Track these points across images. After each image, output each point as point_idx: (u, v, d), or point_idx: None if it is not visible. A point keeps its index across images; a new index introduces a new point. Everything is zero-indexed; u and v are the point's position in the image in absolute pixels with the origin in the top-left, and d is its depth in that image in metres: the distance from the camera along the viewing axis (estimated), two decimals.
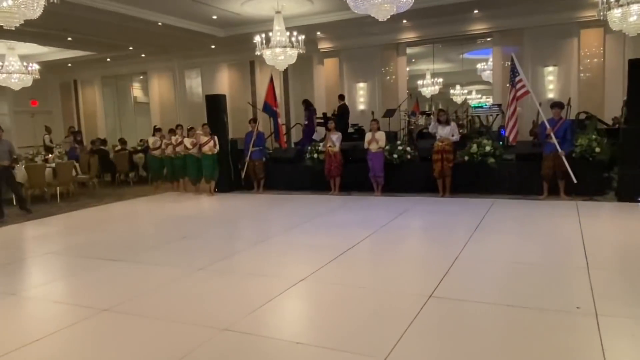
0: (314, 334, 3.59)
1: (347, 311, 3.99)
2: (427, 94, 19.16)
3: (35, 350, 3.49)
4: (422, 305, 3.96)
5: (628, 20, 8.75)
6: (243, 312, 3.97)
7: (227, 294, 4.51)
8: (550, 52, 13.07)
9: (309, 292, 4.47)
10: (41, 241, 7.16)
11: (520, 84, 8.81)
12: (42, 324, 3.95)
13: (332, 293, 4.42)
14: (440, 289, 4.31)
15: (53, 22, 11.40)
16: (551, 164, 8.24)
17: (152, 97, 18.84)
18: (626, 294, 4.10)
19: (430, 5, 11.62)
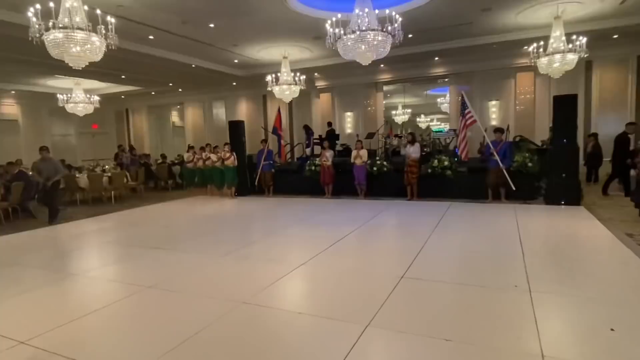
0: (313, 306, 3.59)
1: (338, 288, 3.99)
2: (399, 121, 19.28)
3: (97, 317, 3.49)
4: (396, 284, 3.97)
5: (552, 65, 8.88)
6: (257, 289, 3.96)
7: (245, 275, 4.50)
8: (494, 89, 13.19)
9: (308, 274, 4.46)
10: (99, 233, 7.12)
11: (469, 115, 8.86)
12: (100, 298, 3.93)
13: (326, 274, 4.42)
14: (410, 271, 4.32)
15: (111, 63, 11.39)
16: (494, 175, 8.27)
17: (187, 122, 18.83)
18: (553, 275, 4.12)
19: (402, 54, 11.72)
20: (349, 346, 2.83)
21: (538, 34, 10.07)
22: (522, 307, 3.36)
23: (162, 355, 2.81)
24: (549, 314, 3.23)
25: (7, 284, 4.47)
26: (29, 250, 6.01)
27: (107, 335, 3.18)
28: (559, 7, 8.59)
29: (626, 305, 3.34)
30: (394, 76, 14.50)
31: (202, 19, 8.81)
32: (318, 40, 10.56)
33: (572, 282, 3.91)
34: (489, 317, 3.20)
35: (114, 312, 3.59)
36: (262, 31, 9.86)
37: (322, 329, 3.11)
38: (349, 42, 7.26)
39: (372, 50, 7.28)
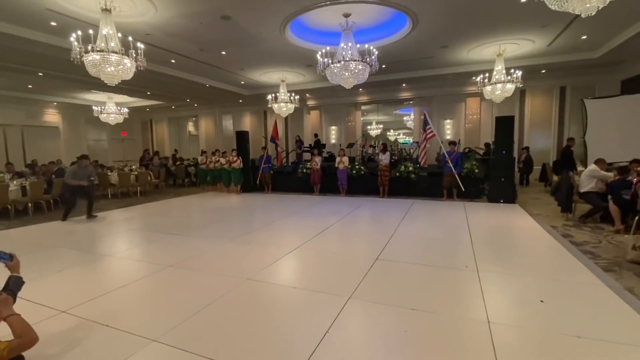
0: (304, 282, 3.56)
1: (325, 267, 3.98)
2: (373, 134, 19.41)
3: (126, 290, 3.40)
4: (371, 264, 3.98)
5: (495, 93, 9.04)
6: (259, 268, 3.93)
7: (249, 256, 4.45)
8: (448, 110, 13.33)
9: (301, 256, 4.43)
10: (126, 221, 6.95)
11: (430, 130, 8.94)
12: (129, 275, 3.83)
13: (315, 256, 4.41)
14: (383, 254, 4.34)
15: (139, 82, 11.18)
16: (449, 179, 8.36)
17: (201, 131, 18.53)
18: (495, 258, 4.17)
19: (377, 80, 11.78)
20: (335, 313, 2.82)
21: (484, 67, 10.26)
22: (472, 283, 3.41)
23: (181, 322, 2.75)
24: (493, 289, 3.28)
25: (50, 262, 4.33)
26: (68, 235, 5.82)
27: (135, 305, 3.10)
28: (501, 46, 8.76)
29: (552, 281, 3.42)
30: (370, 98, 14.54)
31: (215, 47, 8.70)
32: (310, 67, 10.55)
33: (510, 263, 3.98)
34: (446, 291, 3.24)
35: (140, 286, 3.51)
36: (265, 59, 9.79)
37: (313, 300, 3.09)
38: (335, 69, 7.25)
39: (354, 76, 7.29)
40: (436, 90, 13.06)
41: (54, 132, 15.78)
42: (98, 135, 17.75)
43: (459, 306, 2.94)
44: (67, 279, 3.78)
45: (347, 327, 2.67)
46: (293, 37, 8.17)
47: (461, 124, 13.26)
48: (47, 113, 15.49)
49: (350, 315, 2.83)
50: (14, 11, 6.25)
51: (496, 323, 2.66)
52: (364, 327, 2.68)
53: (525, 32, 7.99)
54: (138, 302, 3.16)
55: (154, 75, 10.55)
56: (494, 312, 2.82)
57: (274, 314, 2.87)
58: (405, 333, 2.56)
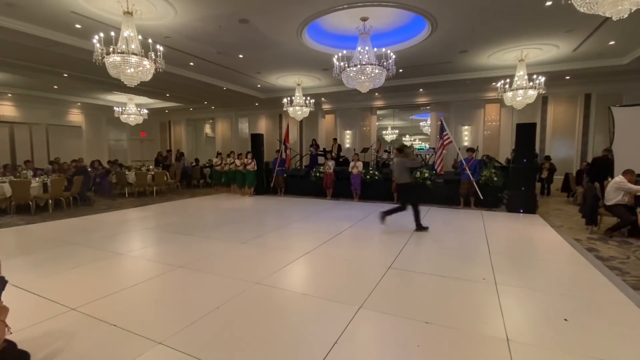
0: (314, 288, 3.48)
1: (336, 275, 3.89)
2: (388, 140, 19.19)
3: (136, 290, 3.40)
4: (384, 272, 3.87)
5: (516, 99, 8.78)
6: (269, 272, 3.87)
7: (259, 259, 4.41)
8: (467, 117, 13.06)
9: (311, 261, 4.36)
10: (141, 220, 7.04)
11: (447, 137, 8.75)
12: (140, 274, 3.85)
13: (326, 262, 4.33)
14: (396, 263, 4.22)
15: (158, 84, 11.43)
16: (466, 186, 8.15)
17: (217, 134, 18.77)
18: (515, 271, 4.00)
19: (394, 85, 11.66)
20: (344, 324, 2.73)
21: (505, 73, 9.99)
22: (490, 297, 3.26)
23: (188, 325, 2.71)
24: (512, 304, 3.13)
25: (64, 259, 4.40)
26: (84, 232, 5.93)
27: (144, 306, 3.09)
28: (523, 51, 8.50)
29: (576, 299, 3.23)
30: (386, 103, 14.41)
31: (233, 50, 8.79)
32: (326, 71, 10.52)
33: (531, 277, 3.79)
34: (462, 305, 3.10)
35: (150, 286, 3.51)
36: (281, 62, 9.83)
37: (322, 309, 3.01)
38: (352, 73, 7.19)
39: (370, 80, 7.21)
40: (454, 95, 12.82)
41: (77, 131, 16.30)
42: (118, 135, 18.23)
43: (475, 321, 2.80)
44: (80, 276, 3.83)
45: (356, 338, 2.57)
46: (310, 40, 8.17)
47: (480, 131, 12.95)
48: (71, 113, 16.03)
49: (361, 326, 2.73)
50: (41, 14, 6.48)
51: (515, 341, 2.51)
52: (374, 339, 2.57)
53: (549, 37, 7.73)
54: (147, 303, 3.15)
55: (172, 78, 10.75)
56: (513, 329, 2.66)
57: (281, 322, 2.80)
58: (418, 348, 2.44)
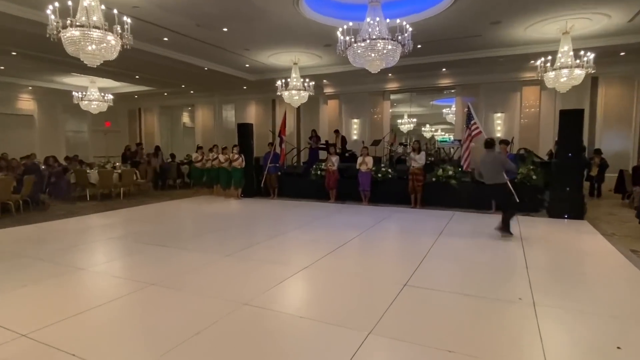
0: (314, 310, 3.49)
1: (340, 293, 3.89)
2: (404, 130, 19.18)
3: (100, 312, 3.41)
4: (398, 291, 3.86)
5: (559, 80, 8.76)
6: (259, 290, 3.88)
7: (248, 275, 4.41)
8: (499, 102, 13.04)
9: (311, 277, 4.37)
10: (106, 228, 7.07)
11: (475, 126, 8.76)
12: (104, 293, 3.86)
13: (328, 278, 4.33)
14: (413, 279, 4.22)
15: (125, 63, 11.42)
16: None
17: (197, 123, 18.82)
18: (557, 289, 3.99)
19: (410, 64, 11.63)
20: (350, 353, 2.73)
21: (546, 49, 9.95)
22: (527, 320, 3.25)
23: (162, 354, 2.72)
24: (554, 329, 3.11)
25: (13, 275, 4.41)
26: (36, 242, 5.96)
27: (109, 331, 3.10)
28: (568, 22, 8.47)
29: (632, 323, 3.21)
30: (401, 85, 14.40)
31: (215, 22, 8.79)
32: (328, 48, 10.51)
33: (577, 296, 3.78)
34: (493, 330, 3.09)
35: (116, 308, 3.51)
36: (274, 37, 9.83)
37: (324, 335, 3.01)
38: (359, 50, 7.18)
39: (382, 58, 7.20)
40: (484, 76, 12.81)
41: (27, 121, 16.34)
42: (78, 125, 18.29)
43: (510, 350, 2.79)
44: (31, 296, 3.84)
45: None
46: (308, 10, 8.17)
47: (515, 119, 12.94)
48: (20, 99, 16.07)
49: (371, 356, 2.73)
50: None
51: None
52: None
53: (599, 4, 7.70)
54: (112, 328, 3.16)
55: (143, 56, 10.76)
56: None
57: (274, 351, 2.80)
58: None
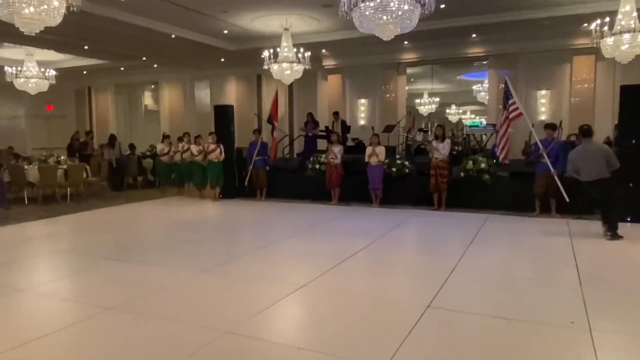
0: (315, 339, 3.51)
1: (348, 318, 3.91)
2: (424, 112, 19.23)
3: (43, 345, 3.41)
4: (420, 315, 3.88)
5: (620, 48, 8.76)
6: (245, 315, 3.89)
7: (230, 296, 4.43)
8: (544, 76, 13.06)
9: (310, 298, 4.40)
10: (51, 239, 7.08)
11: (514, 107, 8.76)
12: (50, 320, 3.87)
13: (332, 300, 4.36)
14: (437, 300, 4.24)
15: (71, 30, 11.38)
16: (544, 182, 8.15)
17: (163, 106, 18.81)
18: (619, 311, 4.02)
19: (431, 28, 11.59)
20: None
21: (602, 9, 9.95)
22: (581, 349, 3.28)
23: None
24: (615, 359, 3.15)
25: None
26: None
27: None
28: None
29: None
30: (420, 56, 14.40)
31: None
32: (328, 9, 10.49)
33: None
34: None
35: (66, 339, 3.52)
36: None
37: None
38: (367, 10, 7.19)
39: (396, 22, 7.23)
40: (524, 44, 12.83)
41: None
42: (12, 110, 18.27)
43: None
44: None
45: None
46: None
47: (564, 97, 13.00)
48: None
49: None
50: None
51: None
52: None
53: None
54: None
55: (94, 21, 10.71)
56: None
57: None
58: None
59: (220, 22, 11.87)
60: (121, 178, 13.23)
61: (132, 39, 12.83)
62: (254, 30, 12.52)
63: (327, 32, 12.83)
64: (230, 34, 12.99)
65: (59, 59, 16.23)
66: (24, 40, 12.11)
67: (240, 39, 13.65)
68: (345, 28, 11.85)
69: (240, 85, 17.33)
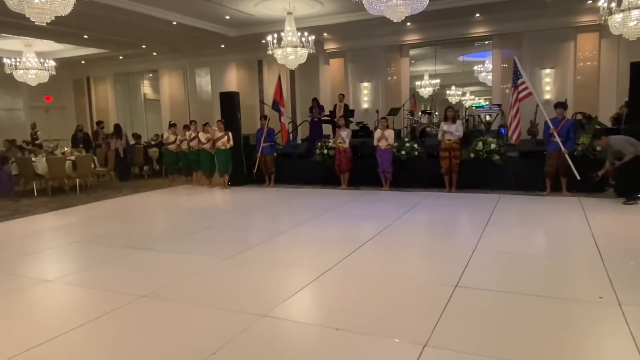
0: (352, 320, 3.53)
1: (380, 299, 3.95)
2: (425, 95, 19.14)
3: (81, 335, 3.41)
4: (450, 294, 3.93)
5: (628, 24, 8.76)
6: (278, 299, 3.93)
7: (258, 281, 4.48)
8: (548, 55, 13.07)
9: (338, 281, 4.43)
10: (67, 230, 7.09)
11: (523, 86, 8.78)
12: (87, 309, 3.87)
13: (360, 282, 4.40)
14: (464, 279, 4.28)
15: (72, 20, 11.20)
16: (555, 161, 8.21)
17: (163, 94, 18.70)
18: None
19: (435, 9, 11.49)
20: None
21: None
22: (613, 323, 3.32)
23: None
24: None
25: None
26: None
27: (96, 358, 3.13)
28: None
29: None
30: (422, 37, 14.37)
31: None
32: None
33: None
34: (575, 336, 3.18)
35: (102, 327, 3.53)
36: None
37: (370, 350, 3.08)
38: None
39: (407, 4, 7.20)
40: (528, 22, 12.82)
41: None
42: (10, 102, 18.12)
43: None
44: None
45: None
46: None
47: (568, 76, 13.02)
48: None
49: None
50: None
51: None
52: None
53: None
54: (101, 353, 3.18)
55: (93, 9, 10.59)
56: None
57: None
58: None
59: (222, 8, 11.79)
60: (128, 168, 13.22)
61: (132, 27, 12.74)
62: (256, 15, 12.43)
63: (329, 15, 12.77)
64: (232, 19, 12.90)
65: (58, 49, 16.12)
66: (24, 30, 12.01)
67: (242, 25, 13.57)
68: (348, 10, 11.83)
69: (241, 71, 17.22)
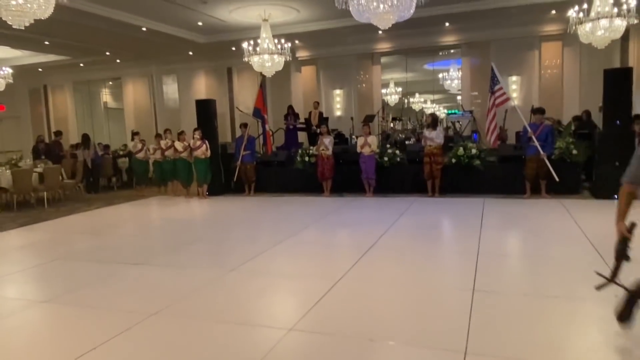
0: (382, 330, 3.46)
1: (402, 306, 3.92)
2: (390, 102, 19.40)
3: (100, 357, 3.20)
4: (470, 299, 3.93)
5: (596, 34, 9.17)
6: (300, 310, 3.83)
7: (273, 293, 4.36)
8: (514, 62, 13.47)
9: (355, 290, 4.35)
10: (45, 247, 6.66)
11: (500, 92, 9.06)
12: (94, 332, 3.59)
13: (376, 289, 4.36)
14: (479, 283, 4.30)
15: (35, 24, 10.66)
16: (534, 165, 8.44)
17: (127, 102, 18.05)
18: None
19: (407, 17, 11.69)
20: None
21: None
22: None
23: None
24: None
25: None
26: None
27: None
28: None
29: None
30: (393, 46, 14.54)
31: None
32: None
33: None
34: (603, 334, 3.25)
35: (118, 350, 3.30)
36: None
37: None
38: None
39: (394, 10, 7.27)
40: (495, 31, 13.20)
41: None
42: None
43: None
44: None
45: None
46: None
47: (534, 83, 13.48)
48: None
49: None
50: None
51: None
52: None
53: None
54: None
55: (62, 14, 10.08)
56: None
57: None
58: None
59: (195, 14, 11.53)
60: (96, 179, 12.64)
61: (99, 33, 12.26)
62: (230, 21, 12.24)
63: (304, 23, 12.72)
64: (205, 25, 12.64)
65: (13, 56, 15.31)
66: None
67: (213, 31, 13.33)
68: (324, 18, 11.84)
69: (209, 79, 16.89)
